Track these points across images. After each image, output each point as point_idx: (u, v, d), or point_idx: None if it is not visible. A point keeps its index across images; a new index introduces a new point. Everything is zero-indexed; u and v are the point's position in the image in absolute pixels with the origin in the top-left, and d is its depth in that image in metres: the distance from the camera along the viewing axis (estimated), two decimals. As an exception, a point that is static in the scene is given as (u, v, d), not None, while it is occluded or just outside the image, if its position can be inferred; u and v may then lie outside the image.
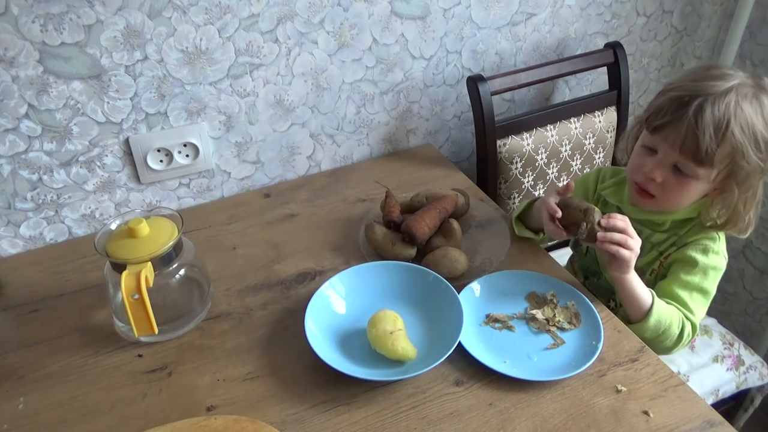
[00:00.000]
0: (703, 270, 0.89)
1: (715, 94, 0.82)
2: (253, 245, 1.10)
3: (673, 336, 0.88)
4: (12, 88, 0.97)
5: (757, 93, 0.83)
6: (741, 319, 1.81)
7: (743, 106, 0.82)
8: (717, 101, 0.82)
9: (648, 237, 0.97)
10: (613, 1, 1.43)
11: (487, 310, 0.93)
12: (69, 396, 0.83)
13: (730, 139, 0.81)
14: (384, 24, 1.20)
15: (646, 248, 0.97)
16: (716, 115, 0.81)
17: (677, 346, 0.89)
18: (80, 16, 0.96)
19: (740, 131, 0.81)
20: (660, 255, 0.96)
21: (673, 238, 0.94)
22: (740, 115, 0.81)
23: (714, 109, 0.81)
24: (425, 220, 1.02)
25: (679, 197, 0.89)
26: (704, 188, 0.88)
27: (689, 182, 0.86)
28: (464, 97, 1.37)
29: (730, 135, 0.81)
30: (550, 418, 0.77)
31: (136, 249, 0.83)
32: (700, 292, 0.90)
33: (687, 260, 0.90)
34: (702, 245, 0.90)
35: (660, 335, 0.88)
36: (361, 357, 0.85)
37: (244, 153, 1.22)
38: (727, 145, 0.82)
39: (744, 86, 0.83)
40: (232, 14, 1.06)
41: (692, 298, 0.89)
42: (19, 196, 1.07)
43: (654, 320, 0.86)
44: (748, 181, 0.85)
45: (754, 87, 0.84)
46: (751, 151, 0.82)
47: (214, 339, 0.91)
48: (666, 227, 0.95)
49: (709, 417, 0.77)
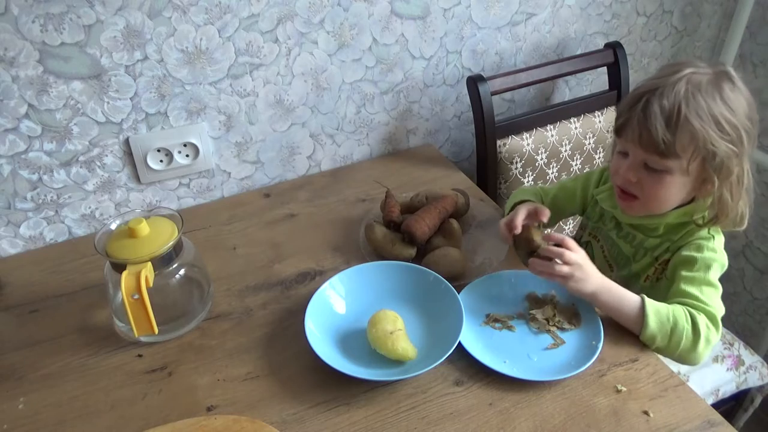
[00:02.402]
0: (704, 265, 0.88)
1: (663, 86, 0.83)
2: (253, 245, 1.10)
3: (687, 332, 0.82)
4: (12, 88, 0.97)
5: (715, 79, 0.83)
6: (741, 319, 1.81)
7: (696, 92, 0.81)
8: (665, 92, 0.82)
9: (642, 242, 0.96)
10: (613, 1, 1.43)
11: (487, 310, 0.93)
12: (69, 396, 0.83)
13: (686, 126, 0.81)
14: (384, 24, 1.20)
15: (641, 253, 0.97)
16: (664, 105, 0.82)
17: (699, 344, 0.82)
18: (80, 16, 0.96)
19: (696, 116, 0.81)
20: (655, 260, 0.95)
21: (666, 244, 0.93)
22: (692, 102, 0.81)
23: (662, 100, 0.82)
24: (425, 220, 1.02)
25: (659, 195, 0.88)
26: (682, 181, 0.86)
27: (663, 177, 0.86)
28: (464, 97, 1.37)
29: (684, 122, 0.81)
30: (550, 418, 0.77)
31: (136, 249, 0.83)
32: (708, 285, 0.87)
33: (685, 260, 0.89)
34: (696, 244, 0.89)
35: (671, 336, 0.83)
36: (361, 357, 0.85)
37: (244, 153, 1.22)
38: (685, 133, 0.81)
39: (698, 74, 0.83)
40: (232, 14, 1.06)
41: (702, 292, 0.86)
42: (19, 196, 1.07)
43: (653, 321, 0.83)
44: (725, 167, 0.83)
45: (712, 75, 0.83)
46: (714, 135, 0.81)
47: (214, 339, 0.91)
48: (660, 232, 0.94)
49: (709, 417, 0.77)
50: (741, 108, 0.83)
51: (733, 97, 0.83)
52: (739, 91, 0.84)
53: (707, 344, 0.83)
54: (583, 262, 0.86)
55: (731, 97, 0.82)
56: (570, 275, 0.85)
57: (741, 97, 0.84)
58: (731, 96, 0.83)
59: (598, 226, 1.05)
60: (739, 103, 0.83)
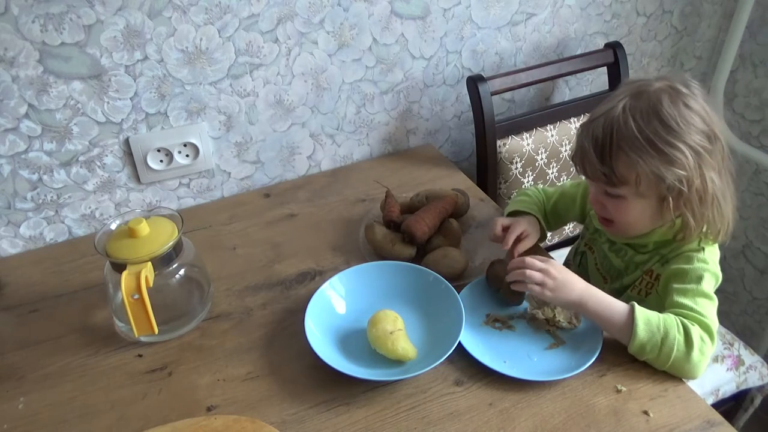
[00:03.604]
0: (695, 276, 0.85)
1: (598, 116, 0.83)
2: (253, 245, 1.10)
3: (679, 343, 0.78)
4: (12, 88, 0.97)
5: (656, 99, 0.79)
6: (741, 319, 1.81)
7: (628, 119, 0.79)
8: (598, 123, 0.82)
9: (632, 257, 0.95)
10: (613, 1, 1.43)
11: (487, 310, 0.93)
12: (69, 396, 0.83)
13: (619, 155, 0.80)
14: (384, 24, 1.20)
15: (631, 268, 0.96)
16: (597, 137, 0.81)
17: (692, 355, 0.78)
18: (80, 16, 0.96)
19: (628, 144, 0.79)
20: (643, 273, 0.94)
21: (656, 257, 0.92)
22: (624, 129, 0.79)
23: (595, 131, 0.82)
24: (425, 220, 1.02)
25: (626, 219, 0.87)
26: (642, 204, 0.84)
27: (622, 202, 0.85)
28: (464, 97, 1.37)
29: (616, 151, 0.80)
30: (550, 418, 0.77)
31: (136, 249, 0.83)
32: (702, 296, 0.84)
33: (675, 272, 0.87)
34: (685, 256, 0.87)
35: (662, 346, 0.79)
36: (361, 357, 0.85)
37: (244, 153, 1.22)
38: (620, 161, 0.80)
39: (637, 97, 0.80)
40: (232, 14, 1.06)
41: (696, 303, 0.83)
42: (19, 196, 1.07)
43: (642, 329, 0.79)
44: (676, 188, 0.80)
45: (653, 93, 0.80)
46: (652, 160, 0.78)
47: (214, 339, 0.91)
48: (649, 249, 0.93)
49: (709, 417, 0.77)
50: (687, 126, 0.79)
51: (674, 114, 0.78)
52: (684, 108, 0.79)
53: (701, 356, 0.79)
54: (556, 270, 0.84)
55: (671, 116, 0.78)
56: (542, 281, 0.84)
57: (688, 114, 0.79)
58: (671, 114, 0.78)
59: (594, 238, 1.04)
60: (683, 121, 0.78)
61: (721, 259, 0.90)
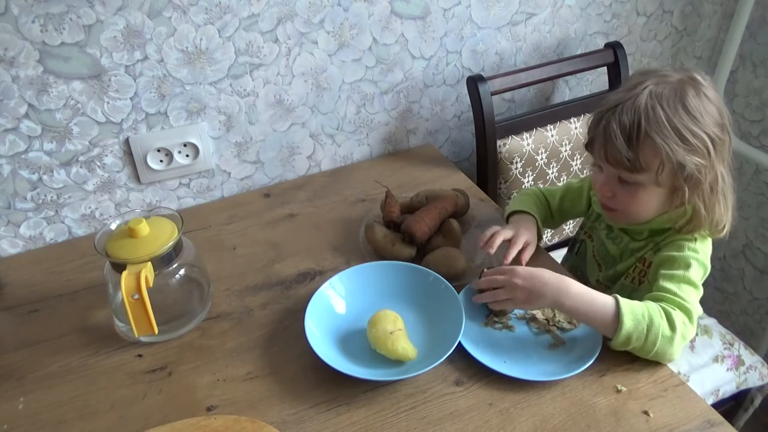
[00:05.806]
0: (683, 263, 0.86)
1: (624, 101, 0.83)
2: (253, 245, 1.10)
3: (663, 329, 0.79)
4: (12, 88, 0.97)
5: (679, 88, 0.81)
6: (741, 319, 1.81)
7: (656, 105, 0.80)
8: (625, 108, 0.82)
9: (627, 244, 0.97)
10: (613, 1, 1.43)
11: (487, 310, 0.92)
12: (69, 396, 0.83)
13: (647, 141, 0.80)
14: (384, 24, 1.20)
15: (626, 255, 0.97)
16: (624, 122, 0.81)
17: (675, 340, 0.80)
18: (80, 16, 0.96)
19: (656, 131, 0.80)
20: (637, 261, 0.95)
21: (650, 245, 0.93)
22: (652, 116, 0.80)
23: (622, 116, 0.82)
24: (425, 220, 1.02)
25: (635, 207, 0.88)
26: (657, 192, 0.85)
27: (637, 190, 0.85)
28: (464, 97, 1.37)
29: (644, 137, 0.80)
30: (550, 418, 0.77)
31: (136, 249, 0.83)
32: (688, 283, 0.85)
33: (665, 259, 0.88)
34: (677, 244, 0.88)
35: (648, 334, 0.79)
36: (361, 357, 0.85)
37: (244, 153, 1.22)
38: (647, 149, 0.81)
39: (661, 85, 0.82)
40: (232, 14, 1.06)
41: (680, 288, 0.84)
42: (19, 196, 1.07)
43: (628, 319, 0.79)
44: (694, 177, 0.82)
45: (676, 83, 0.82)
46: (678, 147, 0.80)
47: (214, 339, 0.91)
48: (644, 236, 0.94)
49: (709, 417, 0.77)
50: (708, 116, 0.81)
51: (698, 105, 0.81)
52: (705, 99, 0.82)
53: (683, 340, 0.81)
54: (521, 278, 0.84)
55: (695, 106, 0.81)
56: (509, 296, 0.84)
57: (708, 105, 0.82)
58: (696, 105, 0.81)
59: (594, 226, 1.05)
60: (705, 112, 0.81)
61: (721, 259, 0.91)
